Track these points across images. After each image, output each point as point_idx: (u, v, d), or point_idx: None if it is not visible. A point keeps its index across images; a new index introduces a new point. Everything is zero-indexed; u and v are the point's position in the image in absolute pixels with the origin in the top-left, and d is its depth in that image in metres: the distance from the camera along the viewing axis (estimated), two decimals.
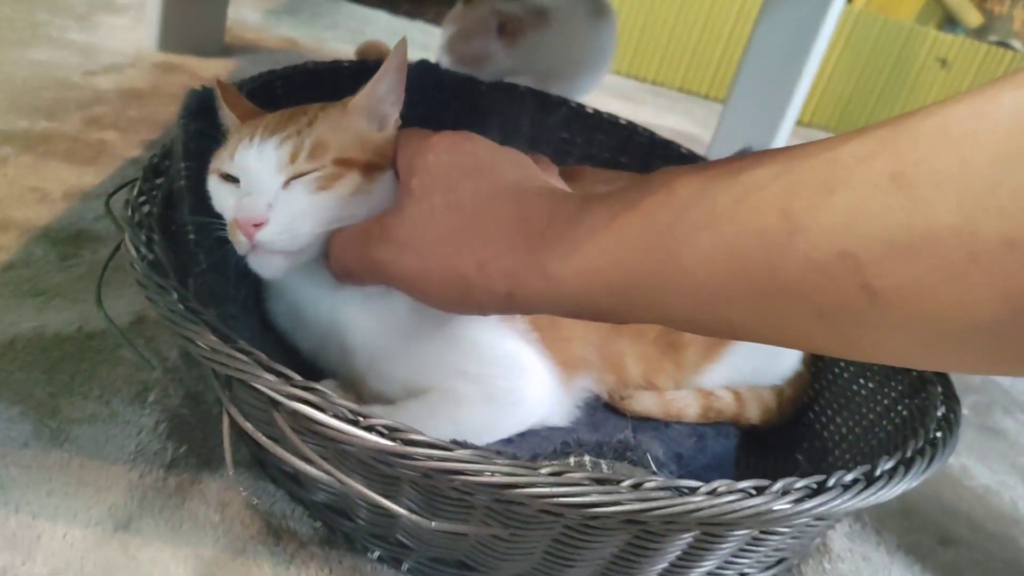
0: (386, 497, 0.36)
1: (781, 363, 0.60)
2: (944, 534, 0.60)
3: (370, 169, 0.45)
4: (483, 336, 0.47)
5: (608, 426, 0.52)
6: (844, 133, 0.28)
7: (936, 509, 0.62)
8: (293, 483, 0.46)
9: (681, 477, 0.47)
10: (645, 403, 0.54)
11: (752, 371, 0.58)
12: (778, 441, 0.59)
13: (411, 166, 0.41)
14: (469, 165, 0.39)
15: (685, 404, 0.55)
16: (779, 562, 0.47)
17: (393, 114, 0.49)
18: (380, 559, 0.45)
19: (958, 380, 0.52)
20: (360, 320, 0.47)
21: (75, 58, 1.06)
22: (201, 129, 0.53)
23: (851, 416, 0.57)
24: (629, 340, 0.54)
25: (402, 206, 0.40)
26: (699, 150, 1.50)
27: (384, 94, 0.48)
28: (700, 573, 0.42)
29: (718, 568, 0.43)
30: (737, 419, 0.57)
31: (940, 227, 0.23)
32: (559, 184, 0.42)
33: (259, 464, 0.49)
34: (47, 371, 0.51)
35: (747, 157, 0.30)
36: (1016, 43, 2.30)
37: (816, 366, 0.63)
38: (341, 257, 0.43)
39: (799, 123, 2.23)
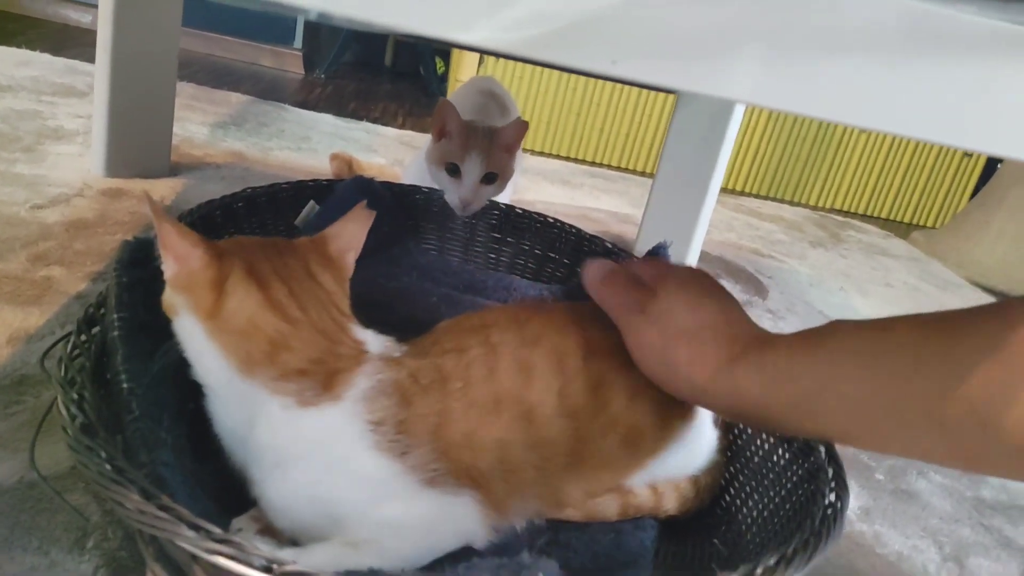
0: None
1: (699, 458, 0.63)
2: None
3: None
4: (410, 502, 0.47)
5: (529, 528, 0.55)
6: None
7: None
8: None
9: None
10: (566, 509, 0.57)
11: (674, 468, 0.61)
12: (698, 526, 0.63)
13: (668, 272, 0.56)
14: (713, 288, 0.55)
15: (604, 505, 0.58)
16: None
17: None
18: None
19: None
20: (278, 488, 0.48)
21: (22, 192, 1.09)
22: (134, 280, 0.57)
23: (761, 499, 0.61)
24: (576, 482, 0.55)
25: (657, 296, 0.53)
26: (632, 229, 1.56)
27: None
28: None
29: None
30: (656, 512, 0.60)
31: None
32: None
33: None
34: None
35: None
36: None
37: (731, 450, 0.67)
38: (603, 290, 0.57)
39: (734, 191, 2.34)
